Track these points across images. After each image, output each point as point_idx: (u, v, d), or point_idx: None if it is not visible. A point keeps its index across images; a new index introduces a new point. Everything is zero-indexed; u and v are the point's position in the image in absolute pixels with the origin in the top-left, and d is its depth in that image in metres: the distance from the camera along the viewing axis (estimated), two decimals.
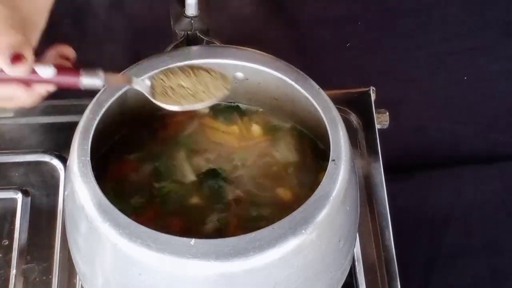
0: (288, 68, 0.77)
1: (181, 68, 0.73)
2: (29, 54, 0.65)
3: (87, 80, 0.68)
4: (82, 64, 0.71)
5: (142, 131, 0.80)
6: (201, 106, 0.72)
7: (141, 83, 0.72)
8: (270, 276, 0.65)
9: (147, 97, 0.77)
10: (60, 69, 0.68)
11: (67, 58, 0.71)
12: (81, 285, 0.84)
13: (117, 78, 0.71)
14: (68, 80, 0.68)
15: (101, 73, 0.69)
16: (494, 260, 1.15)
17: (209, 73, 0.73)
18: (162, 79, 0.72)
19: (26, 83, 0.67)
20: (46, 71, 0.67)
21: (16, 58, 0.64)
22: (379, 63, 1.36)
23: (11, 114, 0.98)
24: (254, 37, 1.34)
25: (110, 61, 1.28)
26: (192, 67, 0.74)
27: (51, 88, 0.69)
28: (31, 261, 0.87)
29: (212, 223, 0.75)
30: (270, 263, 0.64)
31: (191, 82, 0.73)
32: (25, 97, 0.68)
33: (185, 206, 0.76)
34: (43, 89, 0.68)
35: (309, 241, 0.65)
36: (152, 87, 0.72)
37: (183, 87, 0.72)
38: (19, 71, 0.65)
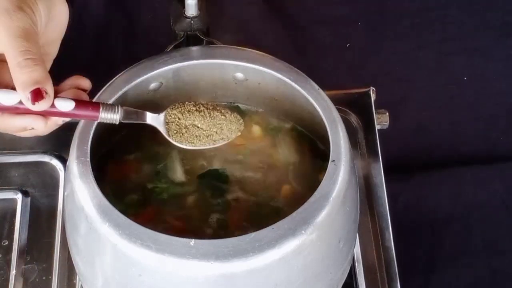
0: (288, 69, 0.77)
1: (198, 108, 0.74)
2: (50, 90, 0.65)
3: (105, 116, 0.69)
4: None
5: (142, 131, 0.80)
6: (214, 146, 0.74)
7: (157, 120, 0.72)
8: (270, 276, 0.65)
9: (147, 97, 0.77)
10: (80, 103, 0.68)
11: (84, 90, 0.71)
12: (81, 285, 0.84)
13: (132, 114, 0.71)
14: (87, 114, 0.68)
15: (119, 109, 0.69)
16: (494, 260, 1.15)
17: (224, 115, 0.75)
18: (178, 117, 0.73)
19: (45, 114, 0.67)
20: (66, 106, 0.67)
21: (38, 94, 0.64)
22: (379, 63, 1.36)
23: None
24: (254, 37, 1.34)
25: (110, 61, 1.28)
26: (207, 107, 0.75)
27: (60, 121, 0.69)
28: (31, 261, 0.87)
29: (212, 223, 0.75)
30: (270, 264, 0.64)
31: (205, 123, 0.74)
32: (43, 128, 0.68)
33: (185, 206, 0.76)
34: (60, 119, 0.69)
35: (309, 242, 0.65)
36: (167, 123, 0.73)
37: (198, 127, 0.73)
38: (40, 107, 0.65)
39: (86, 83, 0.72)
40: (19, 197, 0.91)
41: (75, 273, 0.83)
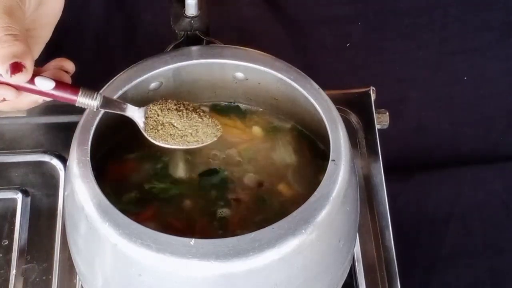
0: (288, 68, 0.77)
1: (178, 108, 0.74)
2: (29, 65, 0.66)
3: (83, 100, 0.69)
4: (81, 72, 0.72)
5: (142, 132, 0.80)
6: (186, 147, 0.74)
7: (136, 113, 0.73)
8: (270, 276, 0.65)
9: (147, 97, 0.77)
10: (60, 83, 0.69)
11: (66, 71, 0.73)
12: (81, 285, 0.84)
13: (112, 103, 0.72)
14: (65, 96, 0.69)
15: (98, 96, 0.70)
16: (494, 260, 1.15)
17: (201, 117, 0.75)
18: (157, 114, 0.73)
19: (24, 91, 0.68)
20: (46, 85, 0.68)
21: (16, 67, 0.65)
22: (379, 63, 1.36)
23: (12, 114, 0.98)
24: (254, 37, 1.34)
25: (110, 61, 1.28)
26: (187, 107, 0.75)
27: (40, 99, 0.71)
28: (31, 261, 0.87)
29: (212, 223, 0.75)
30: (270, 264, 0.64)
31: (181, 123, 0.74)
32: (15, 99, 0.69)
33: (185, 206, 0.76)
34: (40, 98, 0.70)
35: (309, 242, 0.65)
36: (146, 118, 0.73)
37: (173, 126, 0.74)
38: (17, 79, 0.66)
39: (70, 65, 0.73)
40: (19, 197, 0.91)
41: (75, 273, 0.83)
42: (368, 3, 1.43)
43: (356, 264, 0.87)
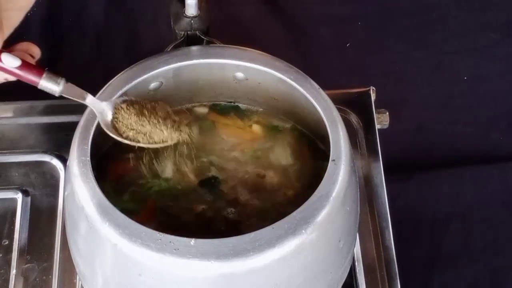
0: (288, 68, 0.77)
1: (141, 109, 0.75)
2: None
3: (46, 83, 0.70)
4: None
5: None
6: (138, 144, 0.75)
7: (96, 104, 0.73)
8: (270, 276, 0.65)
9: (147, 97, 0.77)
10: (26, 63, 0.69)
11: (32, 56, 0.73)
12: (81, 285, 0.84)
13: (74, 91, 0.72)
14: (29, 76, 0.69)
15: (61, 82, 0.70)
16: (494, 260, 1.15)
17: (158, 120, 0.75)
18: (123, 109, 0.74)
19: None
20: (11, 61, 0.69)
21: None
22: (379, 63, 1.36)
23: (11, 114, 0.98)
24: (254, 37, 1.34)
25: (110, 61, 1.29)
26: (155, 108, 0.75)
27: (11, 78, 0.71)
28: (31, 261, 0.87)
29: (212, 223, 0.75)
30: (270, 264, 0.64)
31: (139, 121, 0.74)
32: None
33: (186, 206, 0.76)
34: (2, 77, 0.71)
35: (309, 241, 0.65)
36: (116, 109, 0.73)
37: (132, 123, 0.74)
38: None
39: (36, 50, 0.74)
40: (19, 196, 0.91)
41: (75, 273, 0.83)
42: (368, 3, 1.43)
43: (356, 264, 0.87)
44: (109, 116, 0.73)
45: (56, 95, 0.71)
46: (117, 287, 0.69)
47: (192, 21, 0.88)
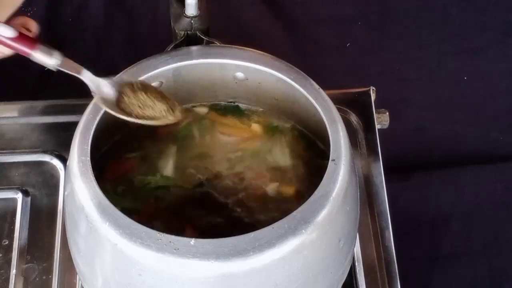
0: (288, 68, 0.77)
1: (151, 89, 0.74)
2: None
3: (40, 56, 0.69)
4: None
5: (142, 130, 0.80)
6: (141, 122, 0.73)
7: (92, 78, 0.72)
8: (270, 276, 0.65)
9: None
10: (21, 35, 0.69)
11: (29, 31, 0.73)
12: (81, 285, 0.84)
13: (71, 65, 0.71)
14: (23, 47, 0.69)
15: (57, 55, 0.70)
16: (494, 260, 1.15)
17: (154, 103, 0.74)
18: (129, 88, 0.73)
19: None
20: (6, 31, 0.68)
21: None
22: (379, 63, 1.36)
23: (12, 114, 0.98)
24: (254, 37, 1.35)
25: (110, 61, 1.29)
26: (147, 87, 0.74)
27: (6, 51, 0.71)
28: (31, 261, 0.87)
29: (212, 223, 0.75)
30: (270, 263, 0.64)
31: (141, 100, 0.74)
32: None
33: (186, 206, 0.76)
34: None
35: (309, 241, 0.65)
36: (122, 87, 0.73)
37: (138, 101, 0.74)
38: None
39: (34, 24, 0.74)
40: (19, 196, 0.91)
41: (75, 272, 0.83)
42: (368, 3, 1.43)
43: (356, 263, 0.87)
44: (110, 94, 0.72)
45: (51, 68, 0.70)
46: (117, 287, 0.69)
47: (192, 21, 0.88)
